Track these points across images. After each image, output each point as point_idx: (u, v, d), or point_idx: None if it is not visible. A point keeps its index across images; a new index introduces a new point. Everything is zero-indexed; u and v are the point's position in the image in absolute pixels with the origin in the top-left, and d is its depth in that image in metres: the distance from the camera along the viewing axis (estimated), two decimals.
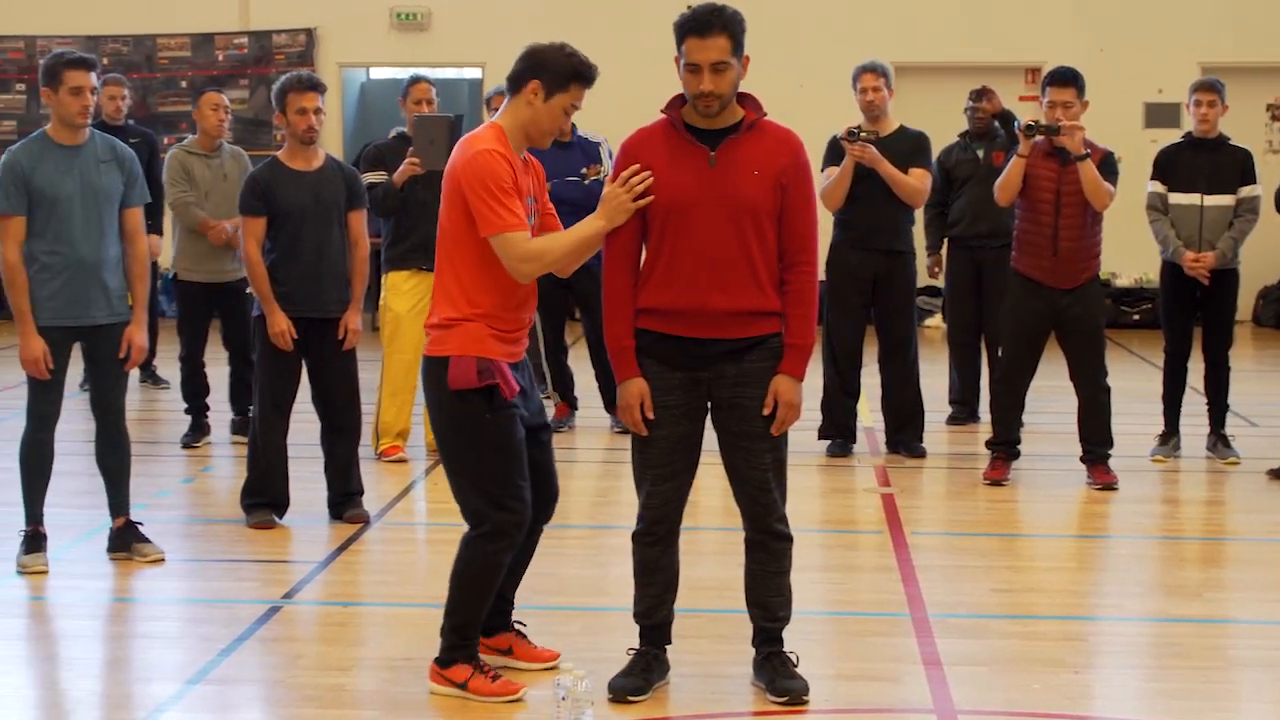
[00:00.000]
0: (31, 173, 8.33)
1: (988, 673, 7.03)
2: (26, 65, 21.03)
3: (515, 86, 6.61)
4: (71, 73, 8.36)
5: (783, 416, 6.54)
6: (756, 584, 6.75)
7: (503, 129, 6.60)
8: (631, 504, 6.77)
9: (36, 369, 8.37)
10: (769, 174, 6.44)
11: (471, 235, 6.50)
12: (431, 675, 6.75)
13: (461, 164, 6.51)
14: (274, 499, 9.59)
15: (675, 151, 6.47)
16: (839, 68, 14.87)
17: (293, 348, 9.41)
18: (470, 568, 6.68)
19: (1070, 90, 10.29)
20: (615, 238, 6.56)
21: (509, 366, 6.60)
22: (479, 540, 6.64)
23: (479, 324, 6.54)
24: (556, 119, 6.61)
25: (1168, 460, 11.42)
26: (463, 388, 6.51)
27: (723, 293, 6.43)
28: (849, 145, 11.18)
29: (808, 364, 6.59)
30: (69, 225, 8.36)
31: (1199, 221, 11.15)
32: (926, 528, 9.79)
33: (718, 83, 6.37)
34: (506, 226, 6.43)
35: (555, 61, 6.58)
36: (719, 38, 6.34)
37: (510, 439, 6.60)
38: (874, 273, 11.46)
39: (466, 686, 6.66)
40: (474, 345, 6.52)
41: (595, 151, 12.35)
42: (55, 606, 8.23)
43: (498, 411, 6.55)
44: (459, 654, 6.71)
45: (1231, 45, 20.02)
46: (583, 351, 12.81)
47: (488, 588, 6.72)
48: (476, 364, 6.51)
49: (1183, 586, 8.60)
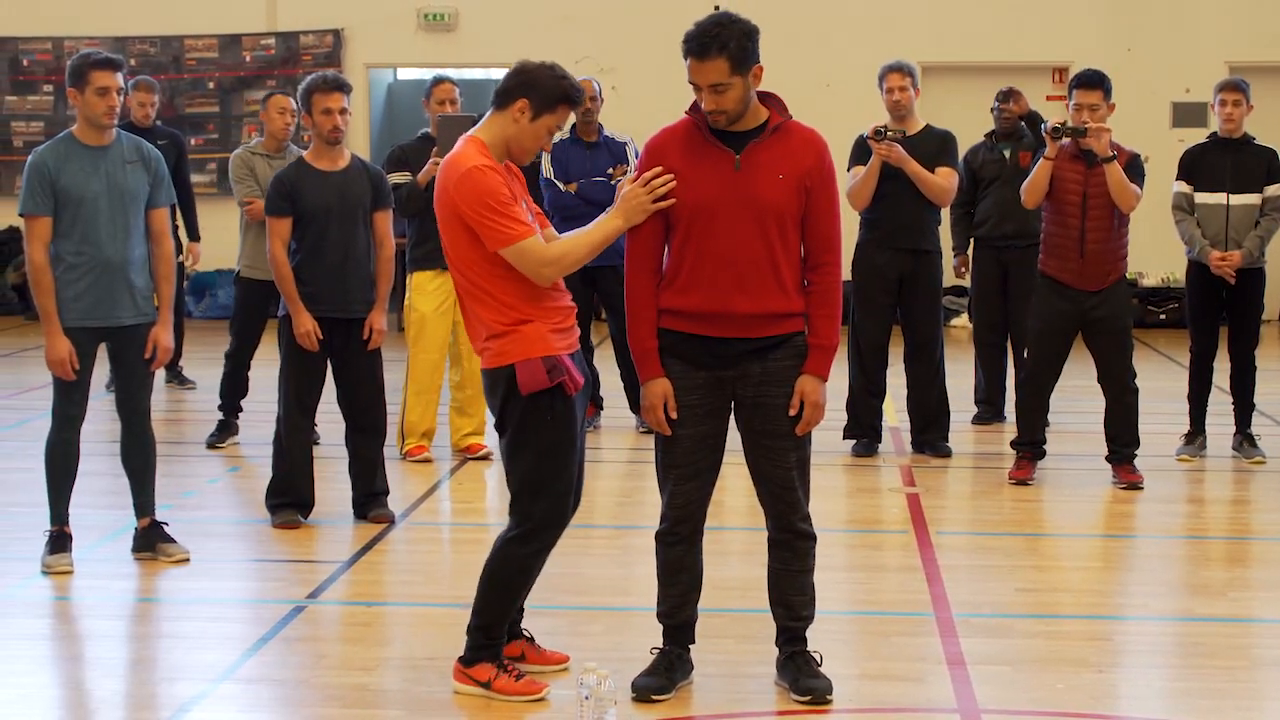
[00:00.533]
0: (58, 173, 8.35)
1: (1012, 672, 7.02)
2: (54, 66, 21.09)
3: (503, 102, 6.60)
4: (98, 73, 8.37)
5: (808, 417, 6.54)
6: (780, 583, 6.74)
7: (484, 143, 6.59)
8: (656, 504, 6.77)
9: (62, 370, 8.39)
10: (793, 177, 6.43)
11: (482, 251, 6.49)
12: (455, 674, 6.75)
13: (453, 186, 6.48)
14: (299, 499, 9.61)
15: (700, 154, 6.47)
16: (865, 67, 14.87)
17: (318, 348, 9.42)
18: (504, 568, 6.70)
19: (1097, 93, 10.27)
20: (638, 239, 6.56)
21: (569, 358, 6.62)
22: (516, 541, 6.66)
23: (534, 324, 6.54)
24: (540, 139, 6.62)
25: (1193, 460, 11.39)
26: (535, 390, 6.51)
27: (745, 295, 6.42)
28: (876, 144, 11.18)
29: (832, 364, 6.58)
30: (95, 226, 8.38)
31: (1225, 221, 11.13)
32: (952, 527, 9.78)
33: (720, 101, 6.38)
34: (517, 236, 6.43)
35: (545, 82, 6.58)
36: (716, 60, 6.33)
37: (570, 441, 6.62)
38: (900, 272, 11.45)
39: (490, 686, 6.66)
40: (537, 346, 6.53)
41: (622, 152, 12.36)
42: (80, 607, 8.25)
43: (561, 411, 6.57)
44: (484, 653, 6.72)
45: (1258, 44, 19.96)
46: (608, 351, 12.82)
47: (519, 589, 6.75)
48: (544, 363, 6.52)
49: (1208, 586, 8.58)
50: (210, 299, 20.57)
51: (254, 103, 21.03)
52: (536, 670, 6.94)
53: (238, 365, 12.00)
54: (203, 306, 20.40)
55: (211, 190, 20.10)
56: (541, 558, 6.72)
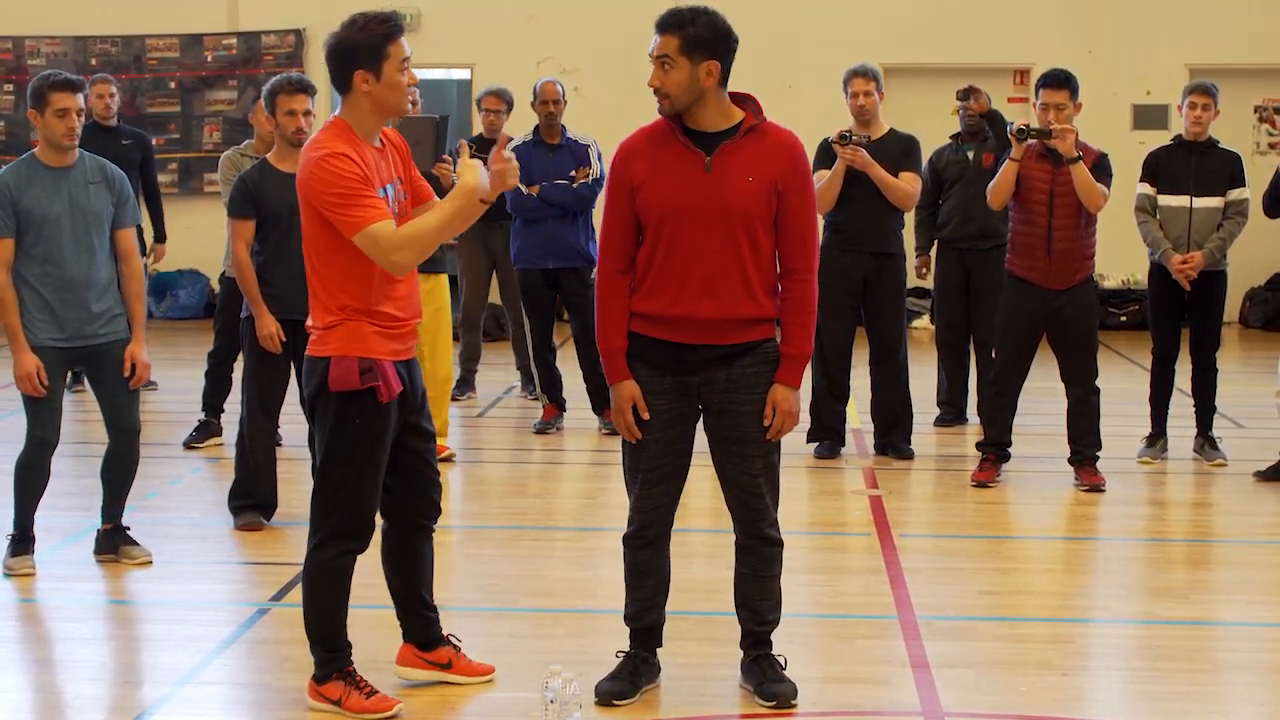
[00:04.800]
0: (20, 195, 8.33)
1: (975, 675, 7.04)
2: (14, 66, 21.00)
3: (345, 86, 6.39)
4: (57, 94, 8.35)
5: (779, 424, 6.52)
6: (746, 587, 6.74)
7: (346, 122, 6.41)
8: (620, 506, 6.78)
9: (31, 384, 8.33)
10: (765, 180, 6.39)
11: (332, 237, 6.35)
12: (310, 691, 6.66)
13: (304, 177, 6.36)
14: (262, 501, 9.59)
15: (670, 155, 6.43)
16: (827, 68, 14.90)
17: (281, 350, 9.40)
18: (314, 578, 6.61)
19: (1063, 92, 10.30)
20: (610, 240, 6.52)
21: (395, 364, 6.49)
22: (317, 549, 6.55)
23: (360, 321, 6.41)
24: (399, 86, 6.37)
25: (1155, 462, 11.43)
26: (344, 389, 6.40)
27: (713, 300, 6.40)
28: (840, 148, 11.21)
29: (804, 373, 6.58)
30: (57, 246, 8.35)
31: (1188, 224, 11.17)
32: (915, 530, 9.80)
33: (662, 79, 6.36)
34: (365, 220, 6.24)
35: (360, 41, 6.34)
36: (669, 35, 6.33)
37: (372, 455, 6.47)
38: (864, 275, 11.47)
39: (341, 704, 6.56)
40: (356, 344, 6.40)
41: (584, 154, 12.36)
42: (43, 609, 8.23)
43: (370, 420, 6.43)
44: (331, 668, 6.62)
45: (1219, 47, 20.01)
46: (570, 353, 12.81)
47: (337, 598, 6.62)
48: (359, 364, 6.39)
49: (1169, 589, 8.61)
50: (172, 299, 20.49)
51: (216, 102, 20.99)
52: (462, 681, 6.87)
53: (220, 362, 11.97)
54: (164, 307, 20.32)
55: (173, 190, 20.03)
56: (347, 562, 6.58)
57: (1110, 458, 10.91)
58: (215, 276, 17.87)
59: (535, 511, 10.19)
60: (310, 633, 6.65)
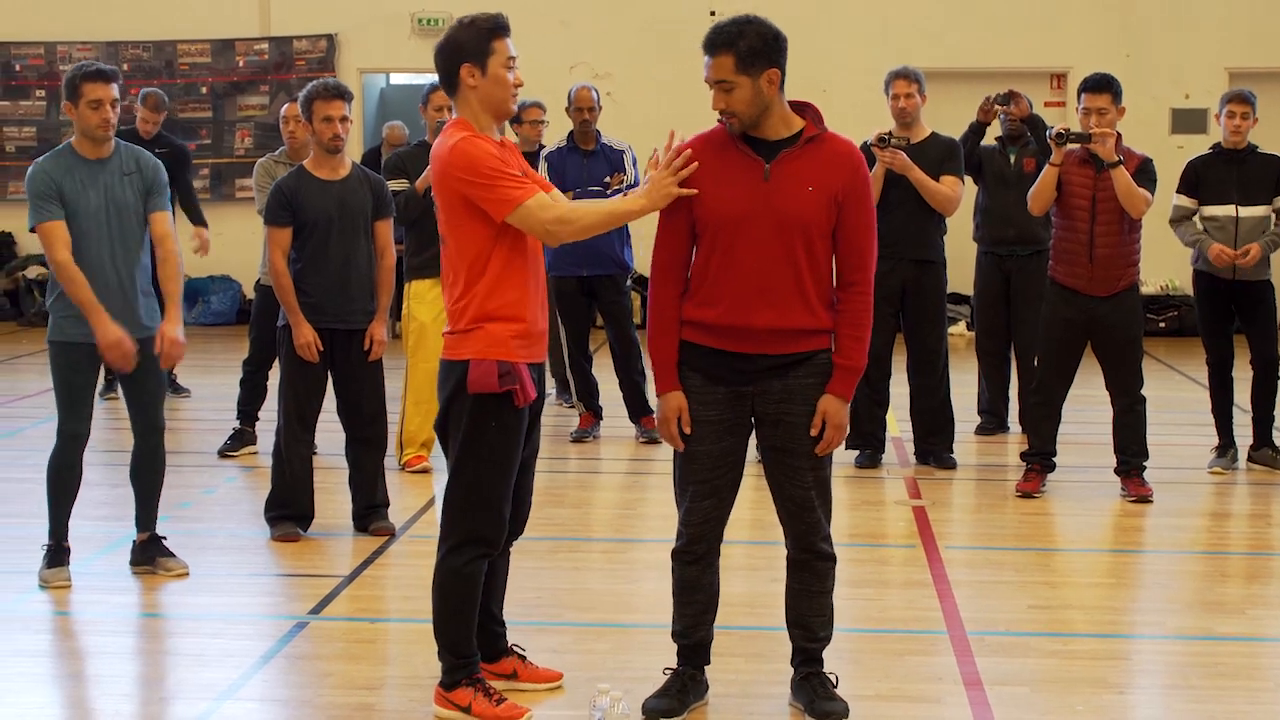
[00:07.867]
0: (60, 183, 8.21)
1: (1029, 693, 6.89)
2: (46, 72, 20.99)
3: (453, 82, 6.45)
4: (90, 85, 8.24)
5: (829, 438, 6.40)
6: (799, 603, 6.61)
7: (465, 120, 6.45)
8: (659, 517, 6.67)
9: (122, 353, 8.18)
10: (825, 190, 6.28)
11: (478, 236, 6.34)
12: (436, 698, 6.62)
13: (446, 164, 6.35)
14: (298, 511, 9.48)
15: (729, 162, 6.32)
16: (863, 72, 14.79)
17: (318, 359, 9.30)
18: (445, 584, 6.55)
19: (1105, 96, 10.18)
20: (664, 249, 6.41)
21: (528, 368, 6.47)
22: (449, 556, 6.50)
23: (499, 325, 6.40)
24: (504, 82, 6.43)
25: (1226, 473, 11.26)
26: (482, 392, 6.37)
27: (769, 310, 6.27)
28: (880, 151, 11.08)
29: (856, 385, 6.44)
30: (91, 241, 8.21)
31: (1234, 233, 11.03)
32: (959, 541, 9.66)
33: (727, 101, 6.26)
34: (519, 198, 6.29)
35: (466, 40, 6.42)
36: (722, 55, 6.23)
37: (508, 457, 6.47)
38: (903, 282, 11.32)
39: (470, 710, 6.53)
40: (496, 348, 6.39)
41: (619, 159, 12.27)
42: (79, 622, 8.13)
43: (505, 424, 6.42)
44: (460, 674, 6.58)
45: (1258, 50, 19.91)
46: (606, 360, 12.69)
47: (469, 603, 6.57)
48: (498, 367, 6.38)
49: (1224, 603, 8.44)
50: (203, 305, 20.46)
51: (247, 108, 20.96)
52: (530, 688, 6.82)
53: (255, 369, 11.89)
54: (196, 313, 20.27)
55: (205, 196, 19.96)
56: (479, 567, 6.53)
57: (1155, 467, 10.75)
58: (247, 282, 17.87)
59: (573, 522, 10.05)
60: (440, 639, 6.60)
